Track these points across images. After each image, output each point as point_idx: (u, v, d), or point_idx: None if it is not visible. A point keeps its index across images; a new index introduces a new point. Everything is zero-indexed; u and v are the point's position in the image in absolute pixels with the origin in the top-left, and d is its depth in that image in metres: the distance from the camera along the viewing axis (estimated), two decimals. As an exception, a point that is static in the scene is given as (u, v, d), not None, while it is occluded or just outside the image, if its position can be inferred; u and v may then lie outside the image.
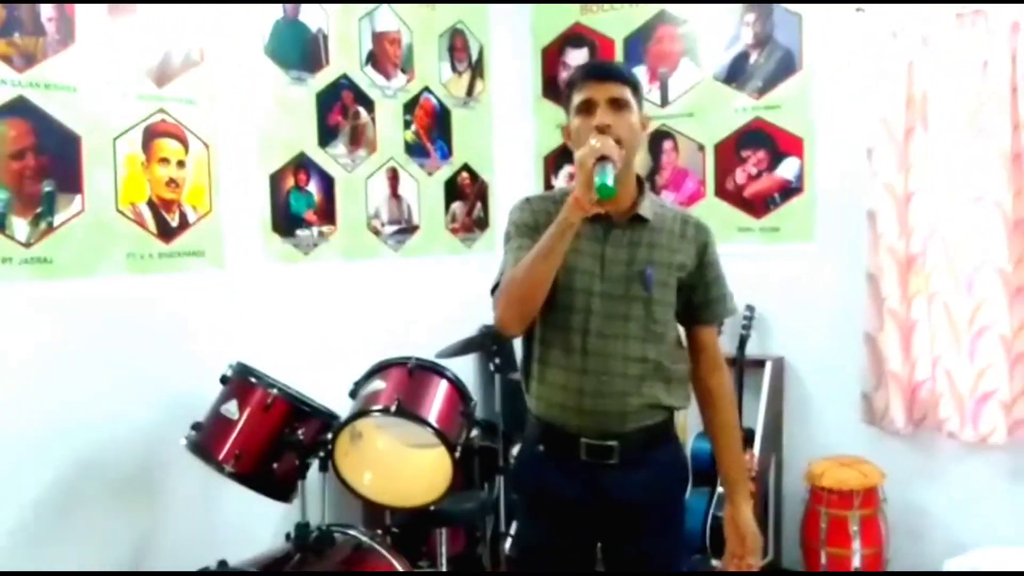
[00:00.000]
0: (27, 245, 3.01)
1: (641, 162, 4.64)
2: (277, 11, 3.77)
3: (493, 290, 2.31)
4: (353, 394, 3.07)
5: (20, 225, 2.99)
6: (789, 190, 4.32)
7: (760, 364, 4.26)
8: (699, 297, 2.38)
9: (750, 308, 4.27)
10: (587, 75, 2.28)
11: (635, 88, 2.28)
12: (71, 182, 3.12)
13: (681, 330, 2.42)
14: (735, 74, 4.42)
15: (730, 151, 4.46)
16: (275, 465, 3.03)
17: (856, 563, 3.88)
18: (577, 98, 2.26)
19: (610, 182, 2.04)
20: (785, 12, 4.27)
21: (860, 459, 4.02)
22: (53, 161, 3.07)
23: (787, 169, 4.32)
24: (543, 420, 2.37)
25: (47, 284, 3.05)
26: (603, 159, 2.07)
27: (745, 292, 4.23)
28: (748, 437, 4.16)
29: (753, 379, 4.26)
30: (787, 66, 4.29)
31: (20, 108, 2.99)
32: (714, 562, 4.08)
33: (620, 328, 2.27)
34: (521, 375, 2.47)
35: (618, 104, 2.22)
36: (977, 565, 3.74)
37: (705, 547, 4.13)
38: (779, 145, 4.33)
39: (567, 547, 2.36)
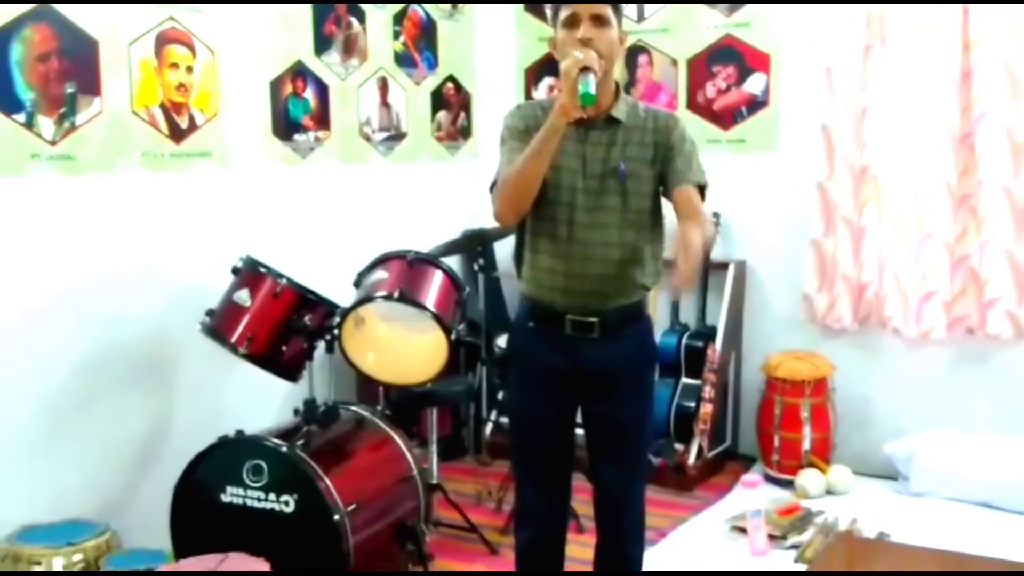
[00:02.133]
0: (53, 142, 3.23)
1: (619, 75, 4.90)
2: (276, -77, 3.95)
3: (491, 188, 2.59)
4: (357, 283, 3.36)
5: (46, 124, 3.21)
6: (755, 104, 4.61)
7: (724, 267, 4.60)
8: (670, 166, 2.55)
9: (716, 215, 4.58)
10: None
11: (615, 6, 2.51)
12: (91, 84, 3.33)
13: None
14: (708, -8, 4.67)
15: (701, 66, 4.72)
16: (284, 348, 3.33)
17: (806, 446, 4.28)
18: (563, 13, 2.48)
19: (592, 90, 2.28)
20: (756, -68, 4.51)
21: (813, 353, 4.40)
22: (74, 64, 3.27)
23: (754, 84, 4.61)
24: (533, 300, 2.66)
25: (70, 179, 3.28)
26: (585, 69, 2.31)
27: (712, 200, 4.53)
28: (711, 333, 4.54)
29: (717, 281, 4.61)
30: (757, -14, 4.55)
31: (44, 14, 3.18)
32: (677, 445, 4.47)
33: (600, 218, 2.54)
34: (514, 262, 2.75)
35: (600, 20, 2.45)
36: (914, 448, 4.16)
37: (669, 432, 4.52)
38: (747, 61, 4.61)
39: (551, 408, 2.67)
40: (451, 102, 4.97)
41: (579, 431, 2.76)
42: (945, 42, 4.09)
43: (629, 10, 4.82)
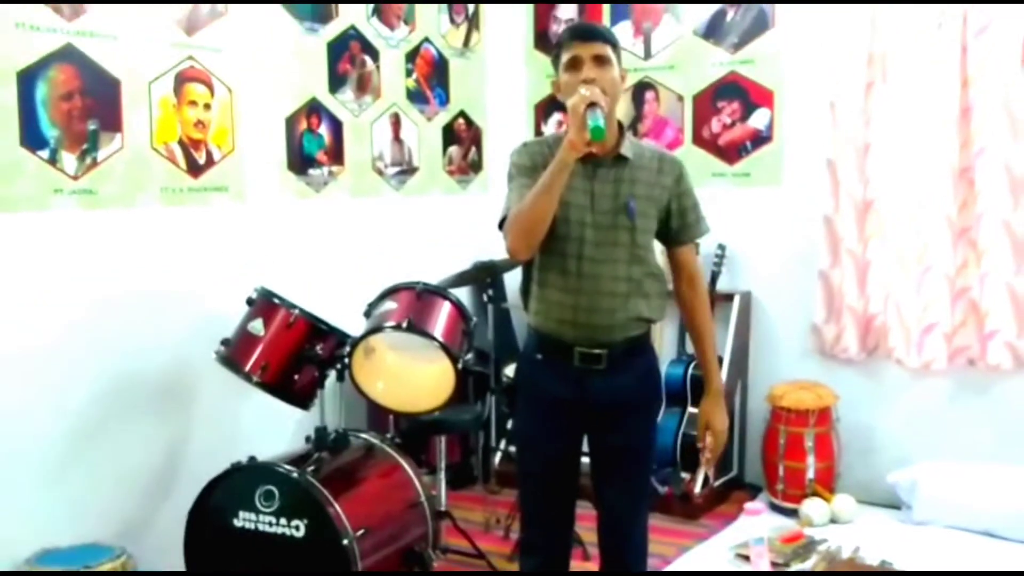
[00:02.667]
0: (75, 178, 3.37)
1: (624, 111, 5.02)
2: (293, -34, 4.10)
3: (501, 224, 2.63)
4: (367, 314, 3.46)
5: (69, 160, 3.35)
6: (760, 139, 4.71)
7: (729, 298, 4.67)
8: (676, 222, 2.71)
9: (721, 247, 4.67)
10: (573, 36, 2.59)
11: (615, 46, 2.60)
12: (112, 122, 3.47)
13: (659, 252, 2.78)
14: (713, 30, 4.78)
15: (707, 102, 4.83)
16: (296, 376, 3.44)
17: (810, 475, 4.33)
18: (565, 56, 2.56)
19: (602, 124, 2.36)
20: (759, -26, 4.64)
21: (817, 383, 4.46)
22: (97, 103, 3.41)
23: (758, 119, 4.71)
24: (541, 332, 2.72)
25: (92, 213, 3.42)
26: (592, 105, 2.38)
27: (717, 232, 4.59)
28: (718, 363, 4.59)
29: (723, 312, 4.66)
30: (761, 24, 4.66)
31: (68, 54, 3.32)
32: (684, 474, 4.53)
33: (609, 253, 2.61)
34: (521, 295, 2.83)
35: (600, 60, 2.53)
36: (917, 477, 4.21)
37: (676, 461, 4.58)
38: (752, 97, 4.71)
39: (558, 438, 2.72)
40: (462, 137, 5.09)
41: (584, 459, 2.81)
42: (945, 79, 4.17)
43: (637, 47, 4.95)
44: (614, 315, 2.64)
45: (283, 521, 3.21)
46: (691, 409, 4.61)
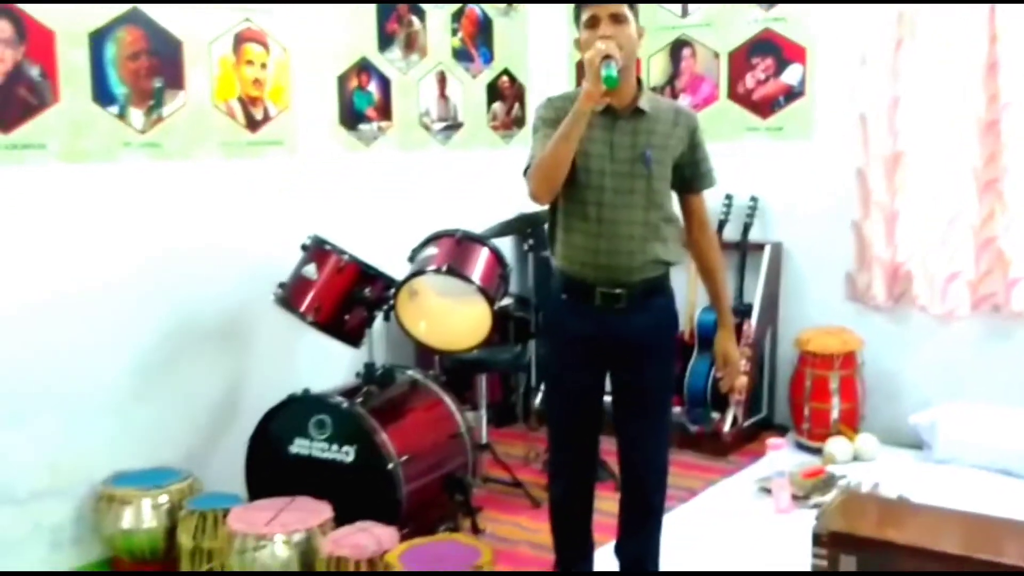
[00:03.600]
0: (142, 132, 3.65)
1: (662, 68, 5.19)
2: (343, -69, 4.32)
3: (525, 171, 2.82)
4: (411, 259, 3.71)
5: (136, 115, 3.63)
6: (792, 94, 4.85)
7: (760, 248, 4.85)
8: (689, 171, 2.88)
9: (754, 199, 4.84)
10: None
11: (631, 4, 2.73)
12: (176, 80, 3.74)
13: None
14: (748, -12, 4.93)
15: (742, 58, 4.98)
16: (347, 317, 3.70)
17: (835, 415, 4.52)
18: (585, 15, 2.72)
19: (615, 73, 2.53)
20: (795, -68, 4.76)
21: (843, 329, 4.64)
22: (161, 62, 3.68)
23: (791, 75, 4.85)
24: (565, 274, 2.89)
25: (157, 164, 3.70)
26: (607, 58, 2.55)
27: (750, 184, 4.86)
28: (747, 311, 4.80)
29: (754, 261, 4.86)
30: (794, -19, 4.79)
31: (134, 17, 3.59)
32: (714, 414, 4.75)
33: (627, 199, 2.77)
34: (548, 239, 3.00)
35: (617, 18, 2.68)
36: (938, 418, 4.38)
37: (707, 402, 4.80)
38: (785, 53, 4.85)
39: (582, 372, 2.90)
40: (506, 94, 5.30)
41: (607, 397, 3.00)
42: (972, 35, 4.28)
43: (675, 7, 5.10)
44: (632, 257, 2.79)
45: (334, 447, 3.50)
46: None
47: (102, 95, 3.51)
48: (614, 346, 2.85)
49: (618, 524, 3.07)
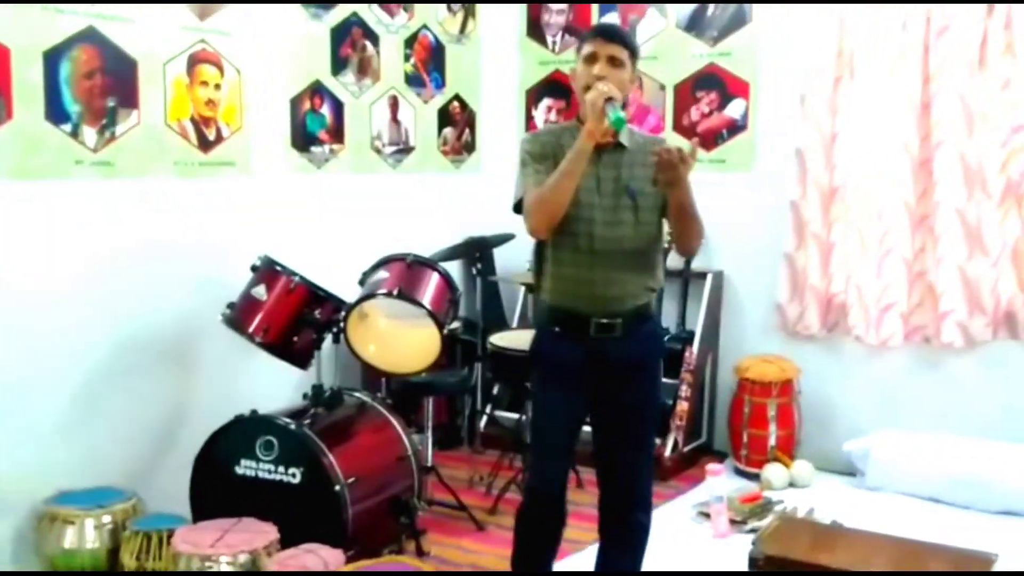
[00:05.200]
0: (95, 150, 3.65)
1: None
2: (299, -44, 4.37)
3: (516, 207, 2.88)
4: (361, 282, 3.77)
5: (89, 133, 3.63)
6: (735, 127, 5.00)
7: (703, 276, 4.98)
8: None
9: (697, 228, 4.96)
10: (597, 34, 2.86)
11: (633, 52, 2.84)
12: (130, 99, 3.75)
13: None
14: (694, 24, 5.07)
15: (687, 91, 5.12)
16: (295, 338, 3.73)
17: (772, 442, 4.65)
18: (585, 49, 2.82)
19: (622, 114, 2.63)
20: (739, -29, 4.91)
21: (781, 357, 4.77)
22: (116, 81, 3.69)
23: (734, 109, 5.00)
24: (557, 307, 2.93)
25: (109, 183, 3.70)
26: (610, 99, 2.64)
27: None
28: (688, 337, 4.91)
29: (696, 289, 4.98)
30: (739, 19, 4.94)
31: (90, 36, 3.60)
32: (656, 439, 4.82)
33: (617, 231, 2.84)
34: (534, 274, 3.02)
35: (615, 62, 2.78)
36: (871, 446, 4.52)
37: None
38: (728, 88, 4.99)
39: (572, 402, 2.95)
40: (457, 119, 5.37)
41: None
42: (907, 75, 4.46)
43: (623, 37, 5.21)
44: (625, 286, 2.87)
45: (281, 469, 3.52)
46: (663, 379, 4.89)
47: (55, 113, 3.51)
48: (608, 373, 2.91)
49: (601, 541, 3.10)
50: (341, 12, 4.59)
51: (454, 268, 5.00)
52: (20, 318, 3.43)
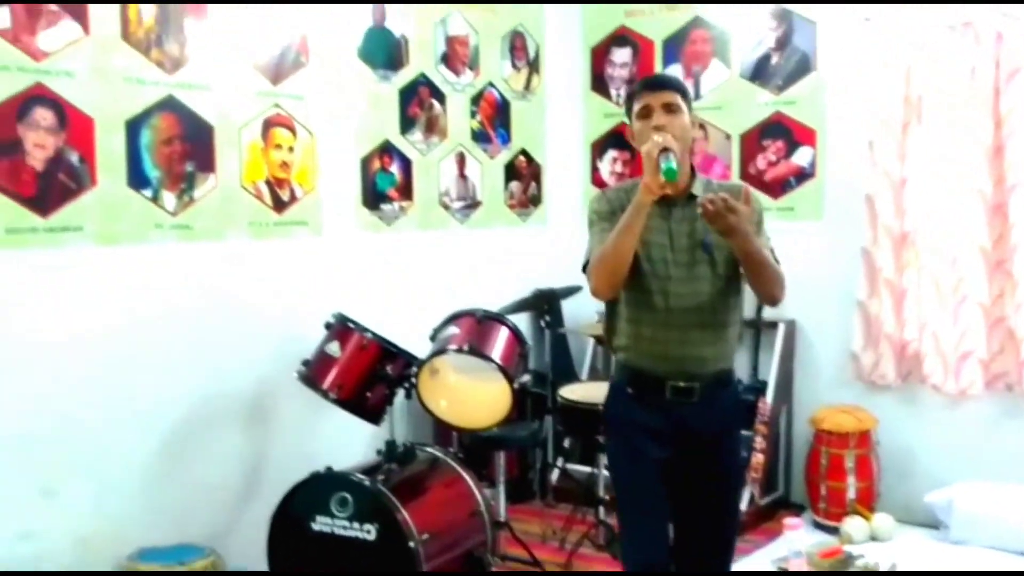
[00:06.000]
0: (174, 214, 3.77)
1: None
2: (368, 20, 4.48)
3: (584, 267, 2.77)
4: (432, 337, 3.80)
5: (169, 198, 3.75)
6: (803, 175, 4.98)
7: (774, 326, 4.93)
8: None
9: (767, 277, 4.92)
10: (644, 86, 2.77)
11: (684, 94, 2.73)
12: (207, 163, 3.87)
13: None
14: (759, 73, 5.07)
15: (753, 140, 5.11)
16: (368, 394, 3.77)
17: (851, 495, 4.55)
18: (637, 105, 2.72)
19: (675, 166, 2.50)
20: (803, 20, 4.91)
21: (857, 407, 4.68)
22: (193, 147, 3.81)
23: (802, 157, 4.97)
24: (632, 367, 2.79)
25: (188, 245, 3.81)
26: (665, 150, 2.52)
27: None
28: (762, 388, 4.85)
29: (768, 339, 4.93)
30: (803, 67, 4.93)
31: (169, 104, 3.73)
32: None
33: (694, 287, 2.70)
34: (606, 333, 2.91)
35: (670, 108, 2.67)
36: (954, 497, 4.40)
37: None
38: (795, 136, 4.98)
39: (649, 466, 2.76)
40: (523, 173, 5.43)
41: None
42: (978, 119, 4.39)
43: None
44: (703, 348, 2.72)
45: (356, 525, 3.54)
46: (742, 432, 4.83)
47: (137, 179, 3.63)
48: (684, 440, 2.75)
49: None
50: (409, 73, 4.69)
51: (523, 321, 5.02)
52: (104, 378, 3.53)
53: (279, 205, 4.13)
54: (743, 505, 4.65)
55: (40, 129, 3.35)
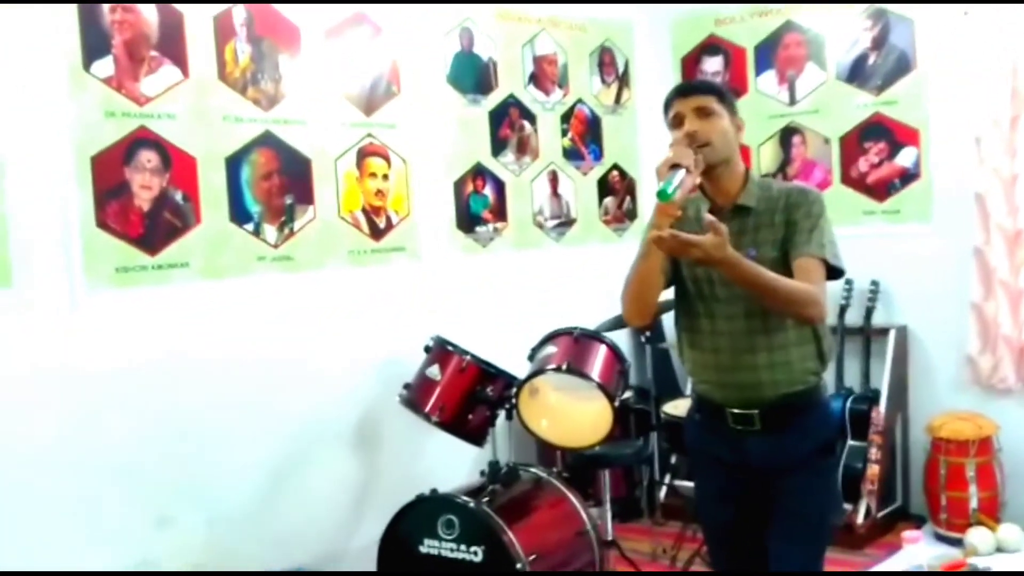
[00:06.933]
0: (275, 246, 3.86)
1: (771, 156, 5.22)
2: (456, 45, 4.53)
3: None
4: (531, 358, 3.81)
5: (270, 231, 3.85)
6: (908, 176, 4.82)
7: (885, 332, 4.77)
8: (789, 242, 2.46)
9: (875, 283, 4.79)
10: (674, 94, 2.56)
11: (721, 97, 2.50)
12: (305, 196, 3.96)
13: None
14: (856, 74, 4.94)
15: (853, 143, 4.98)
16: (470, 416, 3.80)
17: (973, 504, 4.36)
18: (669, 114, 2.53)
19: (670, 189, 2.21)
20: (899, 18, 4.77)
21: (976, 414, 4.50)
22: (292, 180, 3.91)
23: (905, 158, 4.82)
24: (696, 392, 2.67)
25: (289, 276, 3.90)
26: (675, 167, 2.28)
27: (871, 268, 4.82)
28: (875, 397, 4.71)
29: (879, 346, 4.78)
30: (903, 65, 4.79)
31: (267, 140, 3.84)
32: (847, 505, 4.62)
33: (741, 308, 2.46)
34: (679, 355, 2.73)
35: (704, 112, 2.45)
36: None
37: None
38: (897, 136, 4.83)
39: (726, 501, 2.60)
40: (616, 188, 5.40)
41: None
42: (1092, 108, 4.21)
43: (782, 95, 5.15)
44: (759, 372, 2.47)
45: (463, 547, 3.55)
46: (851, 442, 4.70)
47: (239, 214, 3.74)
48: (755, 472, 2.53)
49: None
50: (498, 95, 4.73)
51: (622, 337, 4.98)
52: (212, 407, 3.63)
53: (376, 233, 4.20)
54: (859, 519, 4.52)
55: (146, 171, 3.48)
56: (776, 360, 2.47)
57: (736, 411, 2.50)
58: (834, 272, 2.50)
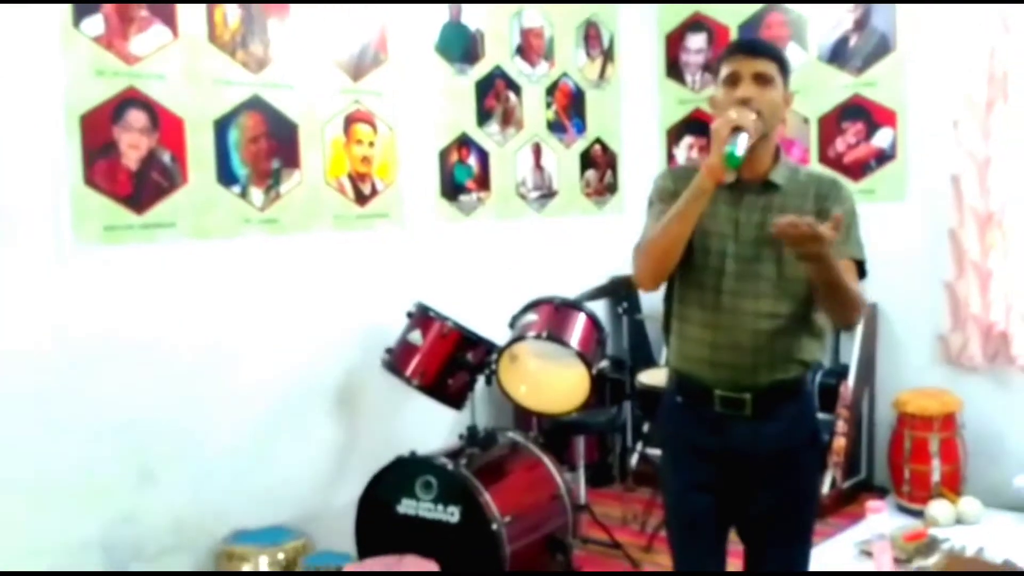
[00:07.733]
0: (261, 209, 3.90)
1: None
2: (444, 15, 4.57)
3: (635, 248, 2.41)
4: (511, 324, 3.88)
5: (256, 194, 3.89)
6: (883, 157, 4.92)
7: (856, 309, 4.88)
8: None
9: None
10: (736, 49, 2.37)
11: (782, 65, 2.35)
12: (292, 160, 4.00)
13: None
14: (837, 55, 5.02)
15: (832, 123, 5.07)
16: (450, 380, 3.87)
17: (936, 478, 4.50)
18: (724, 70, 2.32)
19: (739, 152, 2.13)
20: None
21: (942, 390, 4.63)
22: (279, 144, 3.95)
23: (882, 139, 4.92)
24: (680, 372, 2.47)
25: (275, 239, 3.95)
26: (737, 129, 2.16)
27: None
28: (843, 372, 4.82)
29: (849, 322, 4.89)
30: (883, 48, 4.87)
31: (255, 103, 3.87)
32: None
33: (753, 286, 2.34)
34: (662, 331, 2.59)
35: (762, 79, 2.28)
36: (1044, 481, 4.32)
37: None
38: (875, 117, 4.92)
39: (700, 491, 2.44)
40: (598, 162, 5.47)
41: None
42: (1066, 95, 4.31)
43: (763, 72, 5.21)
44: (758, 354, 2.35)
45: (440, 507, 3.64)
46: (819, 415, 4.80)
47: (225, 176, 3.78)
48: (739, 461, 2.40)
49: None
50: (485, 66, 4.77)
51: (600, 307, 5.07)
52: (198, 366, 3.69)
53: (361, 198, 4.25)
54: (825, 489, 4.64)
55: (134, 130, 3.51)
56: (776, 345, 2.36)
57: (724, 394, 2.38)
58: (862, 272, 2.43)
